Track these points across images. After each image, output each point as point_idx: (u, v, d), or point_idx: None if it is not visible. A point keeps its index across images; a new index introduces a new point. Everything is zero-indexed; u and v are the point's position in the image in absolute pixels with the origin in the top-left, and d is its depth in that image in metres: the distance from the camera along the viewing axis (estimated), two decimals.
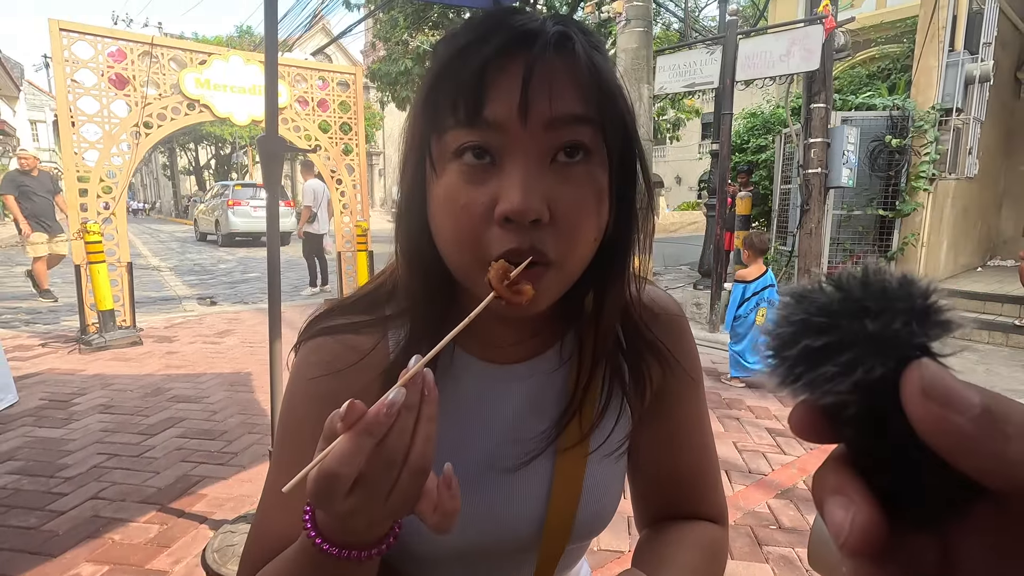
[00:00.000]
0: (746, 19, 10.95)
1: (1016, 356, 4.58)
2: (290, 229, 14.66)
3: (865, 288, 0.19)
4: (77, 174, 4.45)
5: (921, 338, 0.19)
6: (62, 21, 4.29)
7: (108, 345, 4.48)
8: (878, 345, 0.18)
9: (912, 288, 0.19)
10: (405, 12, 11.69)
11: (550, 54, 0.41)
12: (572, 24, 0.44)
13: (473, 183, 0.43)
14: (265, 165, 1.79)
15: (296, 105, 5.55)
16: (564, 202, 0.42)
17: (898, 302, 0.19)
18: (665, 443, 0.61)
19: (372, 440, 0.34)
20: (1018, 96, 7.76)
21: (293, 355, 0.56)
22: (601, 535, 2.04)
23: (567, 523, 0.56)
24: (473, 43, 0.42)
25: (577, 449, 0.55)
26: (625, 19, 6.25)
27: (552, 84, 0.41)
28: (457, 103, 0.42)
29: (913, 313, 0.19)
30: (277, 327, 1.84)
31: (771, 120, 7.35)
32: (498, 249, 0.42)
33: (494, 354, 0.55)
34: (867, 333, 0.18)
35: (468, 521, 0.54)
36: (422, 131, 0.45)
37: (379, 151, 32.02)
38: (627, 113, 0.46)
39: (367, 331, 0.54)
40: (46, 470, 2.51)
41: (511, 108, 0.41)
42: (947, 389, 0.17)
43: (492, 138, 0.42)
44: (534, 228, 0.42)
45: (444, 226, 0.45)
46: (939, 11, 4.99)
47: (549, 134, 0.42)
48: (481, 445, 0.55)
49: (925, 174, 5.09)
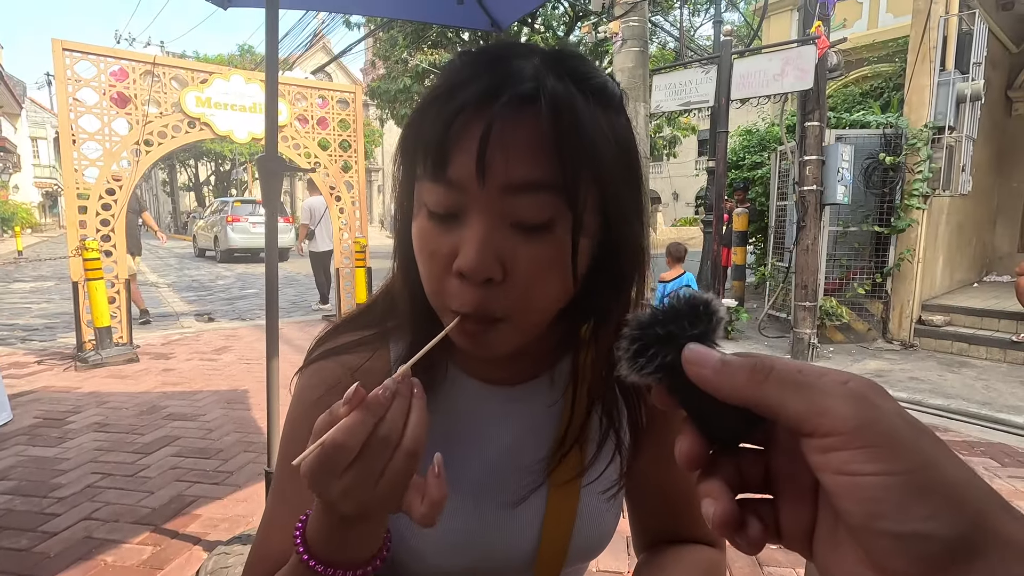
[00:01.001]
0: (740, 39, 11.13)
1: (1014, 372, 4.58)
2: (288, 245, 14.69)
3: (665, 308, 0.30)
4: (77, 191, 4.47)
5: (691, 332, 0.28)
6: (65, 41, 4.34)
7: (104, 362, 4.45)
8: (665, 341, 0.29)
9: (693, 302, 0.29)
10: (404, 31, 11.85)
11: (511, 114, 0.40)
12: (561, 71, 0.42)
13: (439, 232, 0.44)
14: (264, 183, 1.81)
15: (296, 123, 5.60)
16: (520, 262, 0.42)
17: (681, 313, 0.29)
18: (657, 466, 0.61)
19: (373, 417, 0.37)
20: (1009, 114, 7.86)
21: (296, 380, 0.57)
22: (600, 556, 2.01)
23: (562, 548, 0.56)
24: (442, 96, 0.42)
25: (572, 482, 0.56)
26: (621, 39, 6.35)
27: (509, 147, 0.40)
28: (425, 158, 0.42)
29: (685, 318, 0.29)
30: (275, 344, 1.83)
31: (766, 138, 7.42)
32: (453, 304, 0.44)
33: (488, 374, 0.56)
34: (658, 335, 0.29)
35: (462, 543, 0.54)
36: (406, 169, 0.47)
37: (378, 167, 32.23)
38: (608, 170, 0.43)
39: (369, 346, 0.56)
40: (39, 490, 2.48)
41: (470, 168, 0.40)
42: (698, 355, 0.27)
43: (454, 195, 0.42)
44: (487, 286, 0.42)
45: (420, 265, 0.47)
46: (929, 31, 5.08)
47: (507, 197, 0.41)
48: (475, 465, 0.56)
49: (919, 191, 5.13)
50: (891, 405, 0.23)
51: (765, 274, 6.35)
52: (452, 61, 0.45)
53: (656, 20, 13.05)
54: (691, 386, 0.27)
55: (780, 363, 0.26)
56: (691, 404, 0.29)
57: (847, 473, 0.22)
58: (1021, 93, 7.72)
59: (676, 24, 13.54)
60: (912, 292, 5.38)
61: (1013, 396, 3.94)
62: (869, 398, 0.23)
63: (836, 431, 0.23)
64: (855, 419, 0.23)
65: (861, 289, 5.40)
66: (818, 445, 0.23)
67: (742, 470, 0.29)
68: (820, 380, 0.24)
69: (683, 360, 0.27)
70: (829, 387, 0.24)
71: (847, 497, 0.23)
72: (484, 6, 2.19)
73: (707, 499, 0.28)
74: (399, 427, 0.38)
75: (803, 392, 0.24)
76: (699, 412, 0.29)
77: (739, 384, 0.25)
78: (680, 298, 0.30)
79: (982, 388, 4.14)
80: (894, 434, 0.22)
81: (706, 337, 0.29)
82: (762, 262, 6.92)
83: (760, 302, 6.71)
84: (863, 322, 5.54)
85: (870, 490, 0.22)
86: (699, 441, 0.29)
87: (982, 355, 5.02)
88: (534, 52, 0.43)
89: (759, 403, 0.25)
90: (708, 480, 0.29)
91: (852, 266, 5.46)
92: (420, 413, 0.39)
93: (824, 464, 0.23)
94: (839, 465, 0.23)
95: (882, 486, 0.22)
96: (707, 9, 14.25)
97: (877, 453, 0.22)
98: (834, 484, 0.23)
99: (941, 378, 4.41)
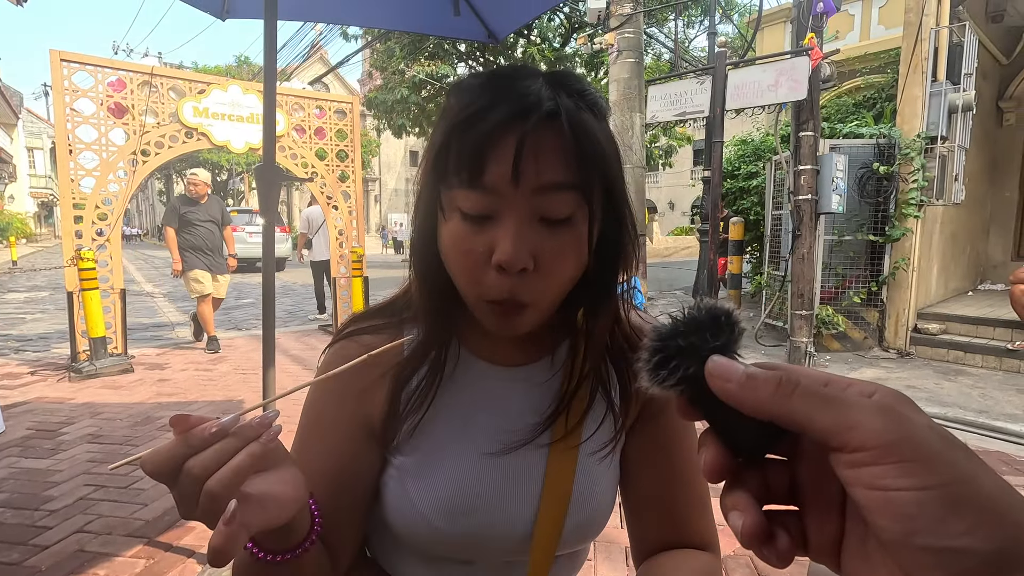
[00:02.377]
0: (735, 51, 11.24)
1: (1010, 380, 4.59)
2: (285, 255, 14.63)
3: (685, 318, 0.30)
4: (73, 201, 4.46)
5: (713, 344, 0.28)
6: (63, 52, 4.35)
7: (99, 373, 4.42)
8: (687, 353, 0.28)
9: (714, 312, 0.29)
10: (402, 43, 11.94)
11: (540, 129, 0.48)
12: (564, 90, 0.50)
13: (473, 232, 0.51)
14: (262, 193, 1.81)
15: (293, 133, 5.61)
16: (547, 254, 0.51)
17: (702, 324, 0.29)
18: (650, 466, 0.65)
19: (187, 450, 0.38)
20: (1000, 125, 7.94)
21: (322, 358, 0.65)
22: (599, 567, 2.00)
23: (559, 520, 0.60)
24: (477, 114, 0.49)
25: (567, 443, 0.61)
26: (617, 50, 6.42)
27: (539, 156, 0.48)
28: (461, 169, 0.49)
29: (708, 330, 0.29)
30: (271, 354, 1.82)
31: (761, 147, 7.47)
32: (492, 295, 0.51)
33: (494, 356, 0.63)
34: (680, 347, 0.29)
35: (465, 507, 0.59)
36: (433, 181, 0.53)
37: (375, 177, 32.28)
38: (609, 169, 0.53)
39: (388, 332, 0.63)
40: (31, 503, 2.45)
41: (506, 176, 0.48)
42: (722, 368, 0.27)
43: (489, 199, 0.49)
44: (520, 275, 0.50)
45: (453, 263, 0.53)
46: (921, 43, 5.14)
47: (537, 197, 0.49)
48: (479, 435, 0.61)
49: (913, 200, 5.17)
50: (922, 418, 0.23)
51: (761, 283, 6.36)
52: (466, 83, 0.53)
53: (651, 32, 13.18)
54: (714, 399, 0.27)
55: (805, 376, 0.26)
56: (714, 416, 0.29)
57: (880, 488, 0.22)
58: (1012, 104, 7.80)
59: (671, 36, 13.68)
60: (907, 301, 5.40)
61: (1010, 404, 3.95)
62: (899, 411, 0.23)
63: (867, 445, 0.23)
64: (886, 433, 0.22)
65: (857, 298, 5.42)
66: (848, 460, 0.23)
67: (767, 481, 0.29)
68: (847, 393, 0.24)
69: (707, 373, 0.27)
70: (857, 400, 0.24)
71: (881, 512, 0.22)
72: (481, 17, 2.21)
73: (734, 511, 0.28)
74: (210, 467, 0.38)
75: (831, 406, 0.24)
76: (723, 424, 0.29)
77: (765, 398, 0.25)
78: (701, 308, 0.30)
79: (978, 396, 4.14)
80: (927, 448, 0.22)
81: (728, 348, 0.29)
82: (758, 271, 6.94)
83: (756, 311, 6.72)
84: (859, 330, 5.55)
85: (904, 505, 0.22)
86: (723, 453, 0.29)
87: (978, 363, 5.04)
88: (538, 74, 0.52)
89: (786, 417, 0.25)
90: (734, 492, 0.29)
91: (848, 275, 5.48)
92: (246, 460, 0.39)
93: (855, 479, 0.23)
94: (871, 480, 0.23)
95: (917, 501, 0.21)
96: (701, 21, 14.41)
97: (910, 468, 0.22)
98: (866, 499, 0.23)
99: (937, 386, 4.42)
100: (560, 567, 0.65)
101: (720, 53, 5.47)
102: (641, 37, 6.01)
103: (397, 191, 35.28)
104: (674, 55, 12.84)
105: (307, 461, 0.59)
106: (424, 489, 0.59)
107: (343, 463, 0.60)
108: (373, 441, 0.61)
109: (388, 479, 0.61)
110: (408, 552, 0.64)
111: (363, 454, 0.61)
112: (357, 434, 0.61)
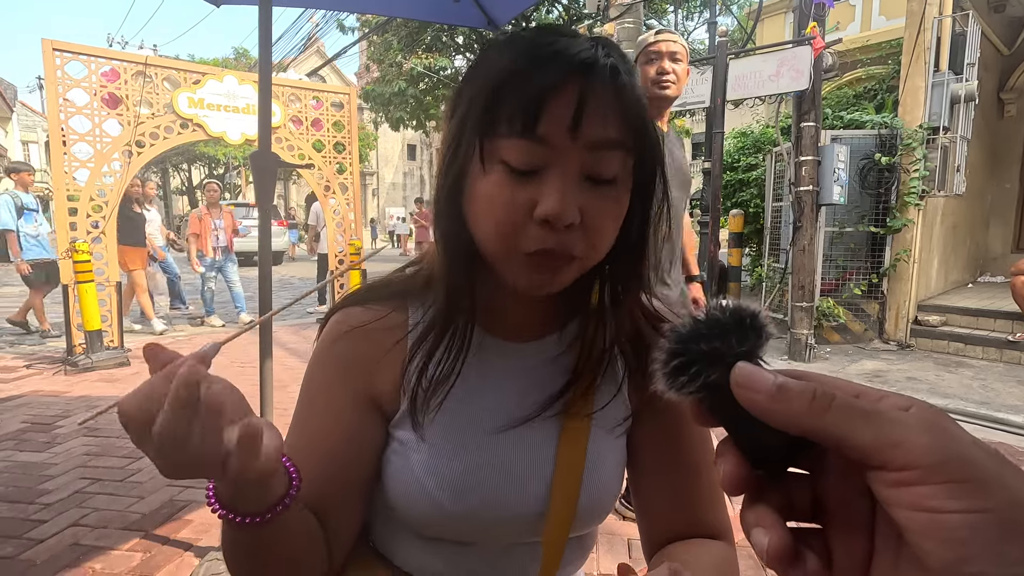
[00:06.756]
0: (735, 41, 11.17)
1: (1011, 372, 4.59)
2: (283, 248, 14.55)
3: (708, 320, 0.28)
4: (68, 193, 4.41)
5: (738, 350, 0.26)
6: (56, 41, 4.29)
7: (95, 366, 4.39)
8: (711, 358, 0.27)
9: (739, 314, 0.27)
10: (399, 35, 11.84)
11: (600, 84, 0.47)
12: (616, 52, 0.50)
13: (516, 184, 0.48)
14: (258, 181, 1.77)
15: (290, 124, 5.56)
16: (593, 211, 0.49)
17: (727, 327, 0.27)
18: (660, 453, 0.63)
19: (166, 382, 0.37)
20: (1001, 116, 7.91)
21: (319, 330, 0.63)
22: (601, 559, 1.98)
23: (572, 496, 0.58)
24: (532, 65, 0.47)
25: (579, 417, 0.59)
26: (617, 41, 6.36)
27: (600, 111, 0.47)
28: (514, 118, 0.47)
29: (733, 334, 0.27)
30: (268, 347, 1.80)
31: (761, 139, 7.43)
32: (533, 246, 0.49)
33: (505, 332, 0.62)
34: (702, 352, 0.27)
35: (470, 485, 0.57)
36: (471, 132, 0.50)
37: (373, 171, 32.17)
38: (656, 139, 0.52)
39: (393, 301, 0.61)
40: (26, 496, 2.43)
41: (563, 128, 0.47)
42: (749, 377, 0.25)
43: (540, 150, 0.47)
44: (567, 231, 0.48)
45: (486, 218, 0.50)
46: (924, 32, 5.10)
47: (589, 153, 0.48)
48: (487, 411, 0.60)
49: (915, 190, 5.14)
50: (966, 435, 0.22)
51: (761, 275, 6.34)
52: (512, 37, 0.51)
53: (651, 23, 13.10)
54: (737, 408, 0.25)
55: (839, 388, 0.24)
56: (735, 426, 0.27)
57: (928, 510, 0.21)
58: (1013, 95, 7.78)
59: (671, 26, 13.59)
60: (908, 292, 5.38)
61: (1011, 395, 3.94)
62: (945, 427, 0.22)
63: (913, 464, 0.21)
64: (934, 451, 0.21)
65: (857, 290, 5.40)
66: (892, 479, 0.22)
67: (790, 497, 0.28)
68: (884, 406, 0.23)
69: (732, 383, 0.25)
70: (898, 415, 0.22)
71: (928, 536, 0.21)
72: (480, 4, 2.16)
73: (758, 528, 0.26)
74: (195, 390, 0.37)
75: (871, 422, 0.22)
76: (745, 435, 0.27)
77: (798, 412, 0.24)
78: (724, 309, 0.28)
79: (980, 388, 4.13)
80: (978, 468, 0.21)
81: (753, 355, 0.27)
82: (757, 263, 6.91)
83: (756, 304, 6.71)
84: (860, 322, 5.54)
85: (956, 529, 0.20)
86: (743, 465, 0.27)
87: (978, 355, 5.03)
88: (583, 36, 0.50)
89: (820, 433, 0.23)
90: (756, 507, 0.27)
91: (848, 267, 5.46)
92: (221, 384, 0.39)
93: (898, 499, 0.22)
94: (917, 501, 0.21)
95: (969, 525, 0.20)
96: (701, 12, 14.32)
97: (961, 489, 0.20)
98: (912, 521, 0.21)
99: (939, 378, 4.41)
100: (570, 551, 0.62)
101: (721, 43, 5.41)
102: (641, 28, 5.96)
103: (395, 185, 35.14)
104: None
105: (307, 438, 0.58)
106: (430, 464, 0.57)
107: (344, 439, 0.57)
108: (377, 416, 0.59)
109: (391, 454, 0.59)
110: (404, 531, 0.61)
111: (365, 431, 0.58)
112: (359, 410, 0.58)
